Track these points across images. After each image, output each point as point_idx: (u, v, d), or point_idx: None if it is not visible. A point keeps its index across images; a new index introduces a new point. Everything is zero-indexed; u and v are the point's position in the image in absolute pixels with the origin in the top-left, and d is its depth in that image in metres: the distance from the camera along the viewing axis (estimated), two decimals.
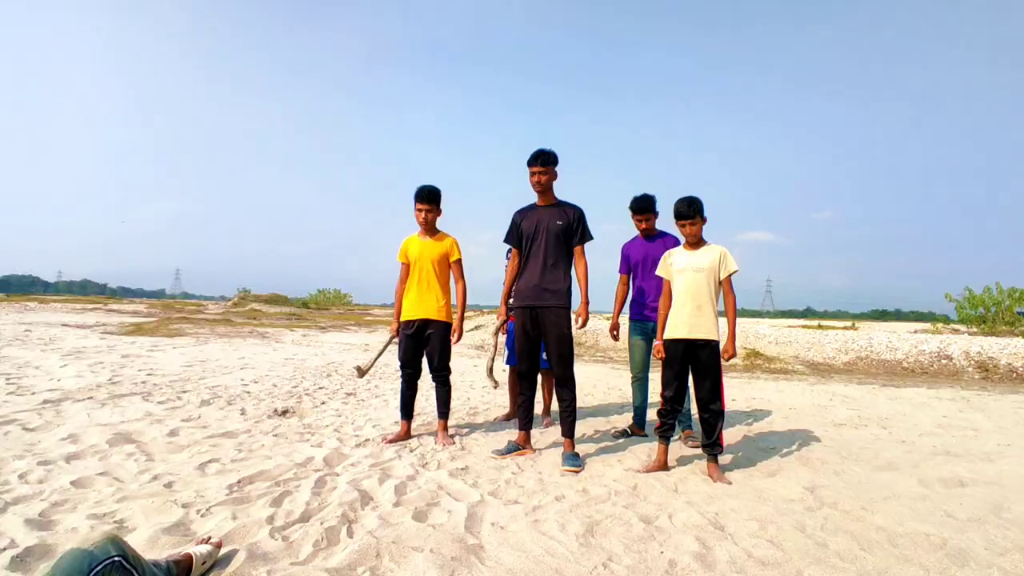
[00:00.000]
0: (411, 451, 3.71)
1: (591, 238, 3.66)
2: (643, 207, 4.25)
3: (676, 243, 4.00)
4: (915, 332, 17.55)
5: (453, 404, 5.51)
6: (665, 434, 3.46)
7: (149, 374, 6.55)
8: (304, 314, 29.09)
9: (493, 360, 3.84)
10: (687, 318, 3.31)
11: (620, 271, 4.50)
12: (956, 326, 21.93)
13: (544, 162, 3.58)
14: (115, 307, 31.51)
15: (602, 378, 8.09)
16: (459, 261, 4.05)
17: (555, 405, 4.23)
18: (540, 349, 3.70)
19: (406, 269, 4.06)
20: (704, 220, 3.37)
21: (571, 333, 3.59)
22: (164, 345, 10.30)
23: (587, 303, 3.56)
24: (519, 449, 3.68)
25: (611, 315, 4.51)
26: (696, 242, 3.39)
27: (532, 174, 3.62)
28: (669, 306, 3.47)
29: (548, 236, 3.60)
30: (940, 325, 23.03)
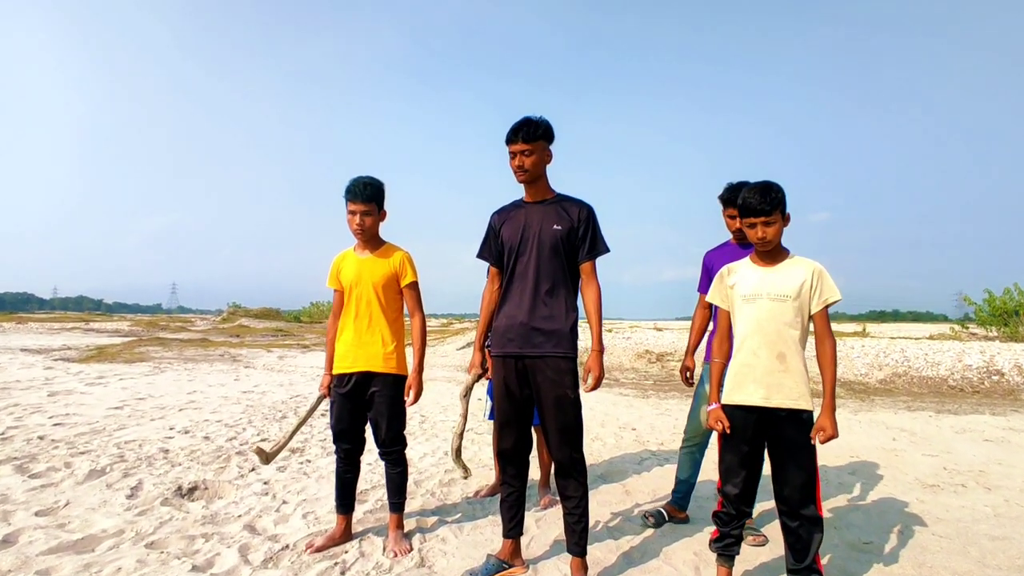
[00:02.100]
0: (342, 572, 2.49)
1: (606, 250, 2.46)
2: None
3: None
4: (931, 337, 16.45)
5: (424, 462, 4.31)
6: (727, 551, 2.24)
7: (57, 424, 5.33)
8: (293, 330, 27.87)
9: (461, 436, 2.59)
10: (762, 374, 2.10)
11: (700, 289, 3.21)
12: (974, 329, 20.82)
13: (528, 135, 2.37)
14: (96, 325, 30.35)
15: (609, 410, 6.85)
16: (414, 285, 2.84)
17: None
18: (532, 415, 2.49)
19: (340, 299, 2.86)
20: (787, 219, 2.17)
21: (579, 396, 2.37)
22: (112, 376, 9.08)
23: (600, 351, 2.36)
24: (503, 568, 2.45)
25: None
26: (772, 252, 2.19)
27: (512, 156, 2.42)
28: (729, 351, 2.27)
29: (540, 248, 2.40)
30: (957, 328, 21.83)
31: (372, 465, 4.01)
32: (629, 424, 6.04)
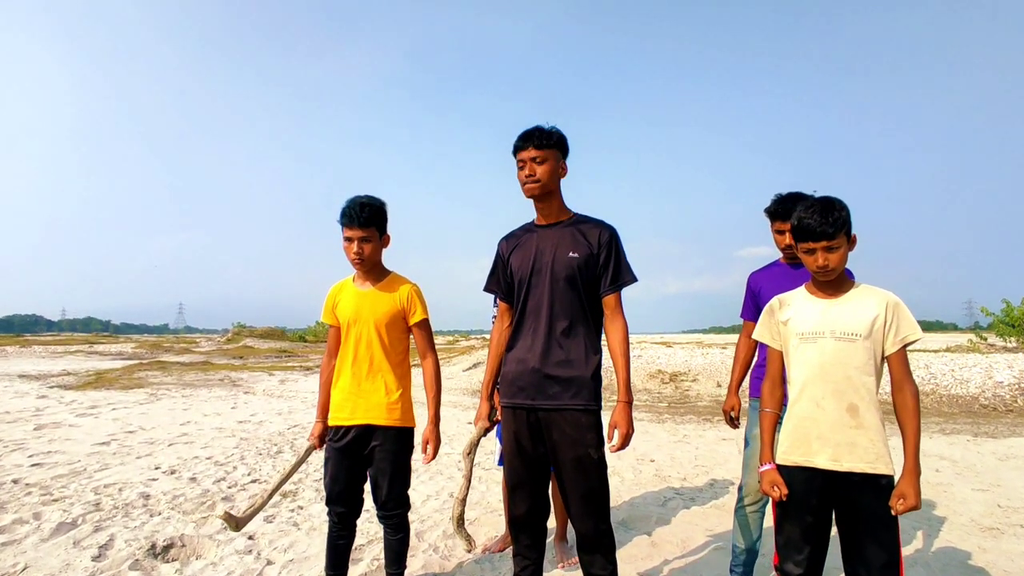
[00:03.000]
0: None
1: (633, 279, 2.11)
2: (790, 211, 2.48)
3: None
4: (949, 349, 16.01)
5: (426, 507, 3.94)
6: None
7: (36, 464, 4.98)
8: (297, 350, 27.57)
9: (463, 503, 2.21)
10: (829, 429, 1.74)
11: (743, 315, 2.81)
12: (992, 340, 20.31)
13: (540, 142, 2.04)
14: (100, 348, 30.07)
15: None
16: (425, 323, 2.47)
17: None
18: (548, 475, 2.13)
19: (336, 336, 2.51)
20: (853, 242, 1.81)
21: (603, 456, 2.02)
22: (105, 405, 8.75)
23: (629, 402, 2.01)
24: None
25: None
26: (835, 281, 1.83)
27: (521, 165, 2.09)
28: (782, 399, 1.91)
29: (554, 279, 2.06)
30: (975, 339, 21.29)
31: (369, 513, 3.64)
32: (647, 455, 5.65)
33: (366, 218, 2.33)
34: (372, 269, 2.45)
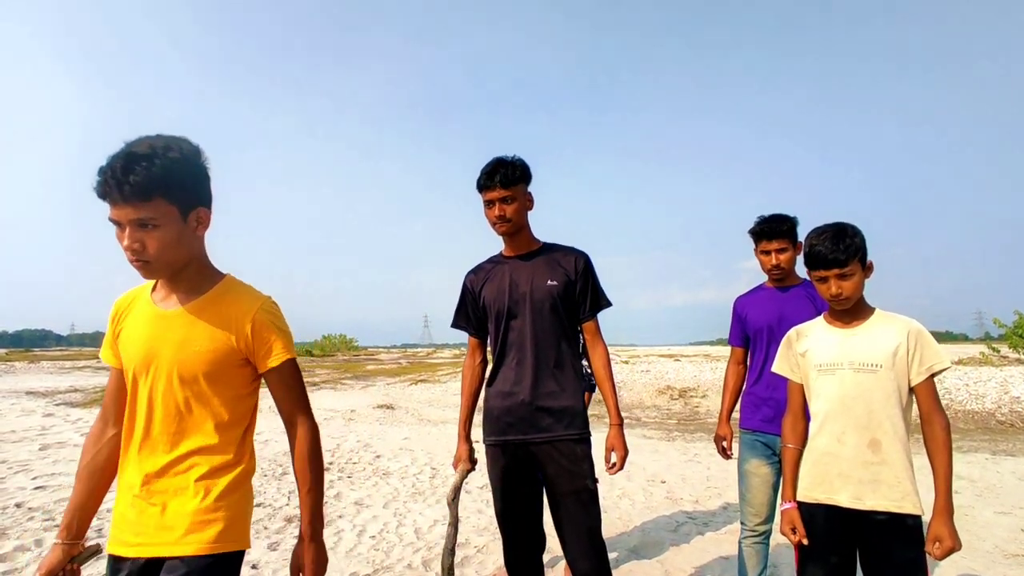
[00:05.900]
0: None
1: (608, 303, 2.14)
2: (774, 230, 2.47)
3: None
4: (961, 362, 15.84)
5: (434, 533, 3.86)
6: None
7: (39, 487, 4.95)
8: (303, 364, 27.52)
9: (452, 553, 2.10)
10: (850, 466, 1.67)
11: (731, 341, 2.74)
12: (1004, 352, 20.10)
13: (507, 179, 2.01)
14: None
15: (634, 457, 6.34)
16: (288, 368, 1.40)
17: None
18: (540, 508, 2.09)
19: (117, 384, 1.43)
20: (868, 269, 1.75)
21: (596, 488, 1.97)
22: None
23: (621, 425, 2.04)
24: None
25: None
26: (852, 310, 1.77)
27: (489, 204, 2.07)
28: (804, 433, 1.84)
29: (536, 309, 2.04)
30: (987, 352, 21.00)
31: (375, 528, 3.56)
32: (657, 475, 5.55)
33: (142, 185, 1.22)
34: (179, 274, 1.36)
